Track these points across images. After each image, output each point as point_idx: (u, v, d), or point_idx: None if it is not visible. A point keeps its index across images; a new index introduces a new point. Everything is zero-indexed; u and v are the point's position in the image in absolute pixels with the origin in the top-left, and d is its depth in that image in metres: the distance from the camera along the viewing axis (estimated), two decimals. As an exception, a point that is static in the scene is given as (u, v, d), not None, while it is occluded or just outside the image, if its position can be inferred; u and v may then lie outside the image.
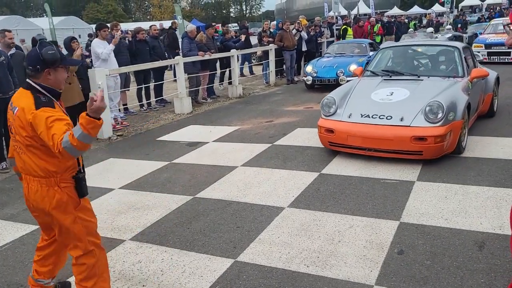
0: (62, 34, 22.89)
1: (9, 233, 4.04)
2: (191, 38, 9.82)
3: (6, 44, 6.27)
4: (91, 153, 6.65)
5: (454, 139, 5.07)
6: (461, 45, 6.56)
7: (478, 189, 4.30)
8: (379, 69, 6.55)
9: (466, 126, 5.53)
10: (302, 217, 3.94)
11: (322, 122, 5.59)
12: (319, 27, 15.68)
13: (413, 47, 7.02)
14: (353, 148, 5.31)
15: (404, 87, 5.61)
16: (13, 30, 7.77)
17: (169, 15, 57.72)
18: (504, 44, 14.88)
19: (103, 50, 7.83)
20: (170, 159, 6.02)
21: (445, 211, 3.87)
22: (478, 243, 3.31)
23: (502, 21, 14.99)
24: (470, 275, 2.92)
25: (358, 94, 5.78)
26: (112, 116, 7.93)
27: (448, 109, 4.91)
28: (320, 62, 11.51)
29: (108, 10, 68.31)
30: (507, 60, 13.63)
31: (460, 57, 6.20)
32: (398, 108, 5.18)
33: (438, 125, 4.86)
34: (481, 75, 6.01)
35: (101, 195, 4.82)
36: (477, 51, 13.96)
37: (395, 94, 5.48)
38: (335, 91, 6.03)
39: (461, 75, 5.93)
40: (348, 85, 6.27)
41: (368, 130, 5.13)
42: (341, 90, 6.08)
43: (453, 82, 5.69)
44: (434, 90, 5.41)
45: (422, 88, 5.54)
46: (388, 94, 5.50)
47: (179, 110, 9.24)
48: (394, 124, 5.02)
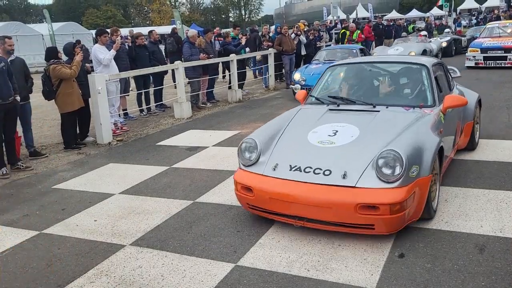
0: (62, 40, 22.89)
1: (9, 239, 4.03)
2: (192, 43, 9.86)
3: (6, 51, 6.29)
4: (91, 158, 6.66)
5: (419, 203, 3.52)
6: (431, 62, 4.96)
7: (478, 191, 4.30)
8: (325, 94, 4.94)
9: (438, 180, 4.01)
10: (303, 221, 3.93)
11: (239, 176, 3.96)
12: (318, 31, 15.75)
13: (371, 65, 5.38)
14: (278, 215, 3.73)
15: (353, 123, 4.07)
16: (12, 36, 7.78)
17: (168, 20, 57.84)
18: (501, 48, 12.79)
19: (105, 55, 7.86)
20: (170, 164, 6.02)
21: (445, 214, 3.87)
22: (479, 246, 3.30)
23: (498, 25, 14.95)
24: (471, 278, 2.92)
25: (291, 134, 4.15)
26: (112, 121, 7.94)
27: (410, 162, 3.37)
28: (308, 70, 10.97)
29: (108, 15, 68.58)
30: (503, 65, 13.39)
31: (429, 79, 4.61)
32: (341, 158, 3.65)
33: (395, 186, 3.31)
34: (457, 105, 4.50)
35: (101, 200, 4.82)
36: (472, 56, 13.95)
37: (340, 135, 3.93)
38: (261, 129, 4.41)
39: (430, 104, 4.38)
40: (281, 118, 4.61)
41: (297, 192, 3.52)
42: (270, 126, 4.43)
43: (419, 115, 4.14)
44: (392, 130, 3.89)
45: (377, 125, 4.01)
46: (331, 134, 3.95)
47: (178, 115, 9.26)
48: (334, 183, 3.46)
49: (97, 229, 4.09)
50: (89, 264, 3.45)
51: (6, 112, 5.86)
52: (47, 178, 5.84)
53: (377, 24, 18.72)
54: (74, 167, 6.23)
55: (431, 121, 4.07)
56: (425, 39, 16.67)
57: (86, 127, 7.66)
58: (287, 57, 12.61)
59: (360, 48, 12.06)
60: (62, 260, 3.56)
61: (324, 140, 3.92)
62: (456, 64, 15.05)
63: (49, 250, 3.74)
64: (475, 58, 13.83)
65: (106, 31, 8.49)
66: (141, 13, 78.14)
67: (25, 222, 4.40)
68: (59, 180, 5.69)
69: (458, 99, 4.54)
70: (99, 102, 7.23)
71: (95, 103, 7.26)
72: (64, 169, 6.17)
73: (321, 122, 4.24)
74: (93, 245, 3.78)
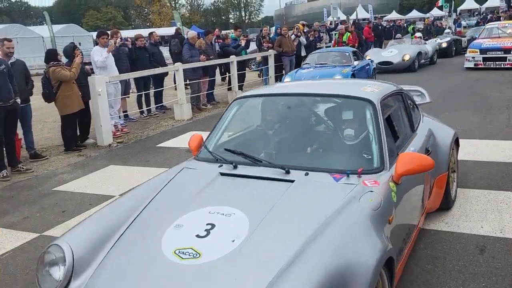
0: (62, 42, 22.92)
1: (9, 241, 4.04)
2: (191, 45, 9.87)
3: (5, 53, 6.30)
4: (91, 160, 6.66)
5: None
6: (380, 95, 3.12)
7: (478, 192, 4.30)
8: (222, 144, 3.30)
9: None
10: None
11: None
12: (318, 32, 15.76)
13: (292, 99, 3.46)
14: None
15: (244, 208, 2.40)
16: (13, 38, 7.80)
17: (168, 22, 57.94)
18: (500, 49, 12.60)
19: (99, 58, 7.88)
20: (171, 166, 5.97)
21: (445, 215, 3.86)
22: (479, 247, 3.30)
23: (498, 25, 14.74)
24: (472, 279, 2.92)
25: (143, 227, 2.46)
26: (113, 123, 7.94)
27: None
28: (299, 74, 10.51)
29: (108, 17, 68.66)
30: (503, 66, 13.09)
31: (376, 123, 2.87)
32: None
33: None
34: (417, 170, 2.68)
35: (102, 202, 4.81)
36: (472, 56, 13.62)
37: (215, 235, 2.24)
38: (87, 221, 2.60)
39: (375, 168, 2.69)
40: (144, 189, 2.95)
41: None
42: (107, 211, 2.70)
43: (355, 193, 2.45)
44: (303, 227, 2.21)
45: (280, 215, 2.34)
46: (201, 235, 2.24)
47: (179, 117, 9.26)
48: None
49: (97, 231, 4.09)
50: (89, 266, 3.44)
51: (6, 114, 5.86)
52: (48, 180, 5.84)
53: (376, 25, 18.73)
54: (75, 169, 6.24)
55: (373, 205, 2.36)
56: (420, 41, 16.60)
57: (86, 129, 7.67)
58: (287, 58, 12.63)
59: (353, 51, 11.62)
60: (62, 262, 3.56)
61: (185, 247, 2.18)
62: (456, 65, 15.05)
63: (49, 252, 3.74)
64: (474, 59, 13.57)
65: (105, 33, 8.50)
66: (141, 14, 78.29)
67: (25, 224, 4.40)
68: (60, 182, 5.70)
69: (419, 161, 2.67)
70: (99, 104, 7.24)
71: (95, 104, 7.27)
72: (64, 171, 6.17)
73: (197, 202, 2.55)
74: (94, 247, 3.77)
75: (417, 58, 14.72)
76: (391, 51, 14.95)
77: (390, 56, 14.61)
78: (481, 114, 7.55)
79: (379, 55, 14.83)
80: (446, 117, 6.82)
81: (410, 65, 14.33)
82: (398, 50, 14.79)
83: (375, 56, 14.27)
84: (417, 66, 14.63)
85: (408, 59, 14.29)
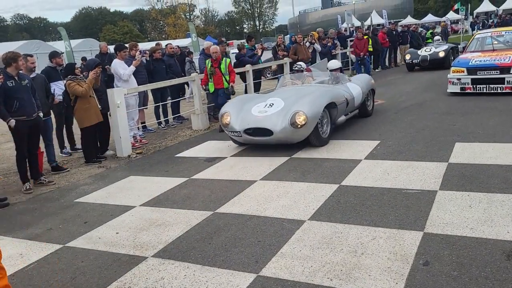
0: (79, 56, 23.38)
1: (34, 253, 4.10)
2: (207, 55, 9.96)
3: (28, 69, 6.45)
4: (111, 171, 6.74)
5: None
6: None
7: (503, 196, 4.21)
8: None
9: None
10: (324, 230, 3.90)
11: None
12: (333, 39, 15.73)
13: None
14: None
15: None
16: (33, 54, 8.00)
17: (183, 33, 58.60)
18: (496, 67, 9.53)
19: (124, 71, 8.01)
20: (189, 175, 6.05)
21: (470, 220, 3.79)
22: (506, 252, 3.22)
23: (491, 33, 11.36)
24: (499, 285, 2.84)
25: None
26: (131, 134, 8.04)
27: None
28: None
29: (124, 31, 69.81)
30: (499, 90, 9.26)
31: None
32: None
33: None
34: None
35: (123, 213, 4.87)
36: (457, 78, 9.84)
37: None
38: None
39: None
40: None
41: None
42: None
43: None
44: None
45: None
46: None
47: (196, 126, 9.33)
48: None
49: (119, 242, 4.13)
50: (112, 277, 3.48)
51: (30, 128, 5.99)
52: (69, 192, 5.93)
53: (390, 31, 18.58)
54: (95, 181, 6.32)
55: None
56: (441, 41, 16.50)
57: (106, 140, 7.77)
58: (303, 66, 12.60)
59: None
60: (85, 273, 3.60)
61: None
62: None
63: (72, 263, 3.79)
64: (461, 81, 9.76)
65: (125, 47, 8.66)
66: (157, 27, 79.37)
67: (48, 236, 4.47)
68: (81, 193, 5.78)
69: None
70: (118, 116, 7.34)
71: (114, 116, 7.37)
72: (85, 183, 6.26)
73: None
74: (116, 258, 3.81)
75: None
76: None
77: None
78: (503, 117, 7.40)
79: None
80: (467, 120, 6.54)
81: None
82: None
83: None
84: None
85: None
